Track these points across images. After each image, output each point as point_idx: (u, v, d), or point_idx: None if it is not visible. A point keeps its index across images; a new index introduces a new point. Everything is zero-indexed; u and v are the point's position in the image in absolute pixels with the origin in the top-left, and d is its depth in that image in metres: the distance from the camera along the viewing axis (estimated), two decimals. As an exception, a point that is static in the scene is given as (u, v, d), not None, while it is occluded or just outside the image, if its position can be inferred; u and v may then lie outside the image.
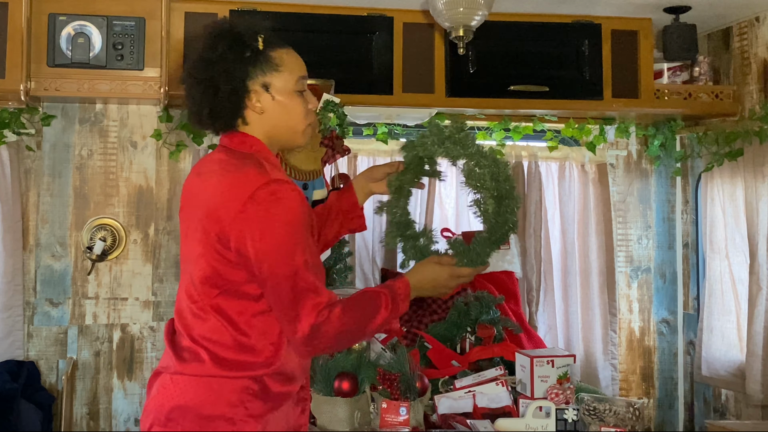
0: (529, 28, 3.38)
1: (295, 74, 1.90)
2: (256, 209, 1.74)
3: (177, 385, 1.80)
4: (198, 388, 1.78)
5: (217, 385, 1.78)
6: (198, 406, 1.77)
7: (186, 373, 1.81)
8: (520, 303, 3.51)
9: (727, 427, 3.04)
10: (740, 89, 3.50)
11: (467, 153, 2.12)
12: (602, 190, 3.80)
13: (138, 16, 3.12)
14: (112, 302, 3.41)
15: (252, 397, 1.78)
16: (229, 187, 1.80)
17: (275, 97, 1.87)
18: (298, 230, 1.77)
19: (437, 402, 2.55)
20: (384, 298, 1.85)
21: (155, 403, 1.82)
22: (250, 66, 1.85)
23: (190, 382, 1.80)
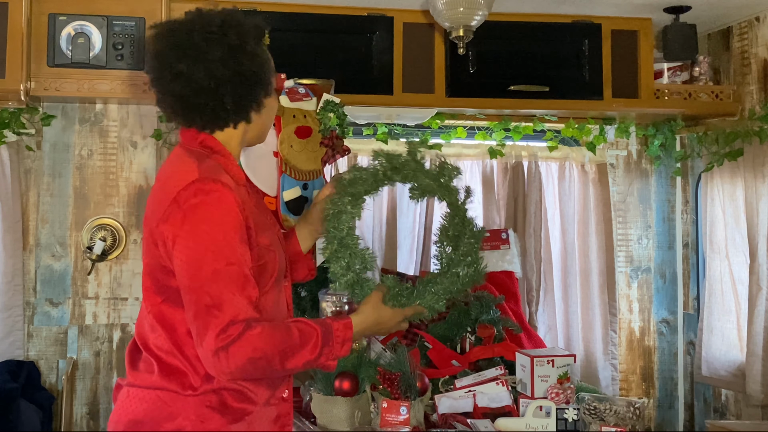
0: (529, 28, 3.38)
1: (274, 71, 1.90)
2: (175, 212, 1.65)
3: (132, 398, 1.74)
4: (153, 402, 1.71)
5: (170, 399, 1.69)
6: (153, 421, 1.69)
7: (138, 384, 1.74)
8: (520, 303, 3.51)
9: (727, 427, 3.04)
10: (740, 89, 3.50)
11: (424, 184, 2.10)
12: (602, 190, 3.80)
13: (138, 16, 3.12)
14: (112, 302, 3.41)
15: (209, 410, 1.69)
16: (161, 189, 1.73)
17: (269, 96, 1.88)
18: (213, 235, 1.63)
19: (437, 401, 2.55)
20: (315, 337, 1.70)
21: (114, 417, 1.76)
22: (269, 61, 1.85)
23: (144, 395, 1.72)
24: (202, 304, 1.60)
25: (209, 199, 1.64)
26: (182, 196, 1.65)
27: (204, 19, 1.78)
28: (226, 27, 1.76)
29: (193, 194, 1.64)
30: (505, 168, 3.73)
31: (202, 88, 1.73)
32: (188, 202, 1.64)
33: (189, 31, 1.75)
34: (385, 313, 1.89)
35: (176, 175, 1.70)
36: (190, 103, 1.76)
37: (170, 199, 1.66)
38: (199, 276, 1.61)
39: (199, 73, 1.72)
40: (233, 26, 1.77)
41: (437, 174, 2.10)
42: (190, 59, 1.72)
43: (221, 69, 1.72)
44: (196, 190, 1.65)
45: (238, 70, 1.74)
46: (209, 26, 1.75)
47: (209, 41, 1.73)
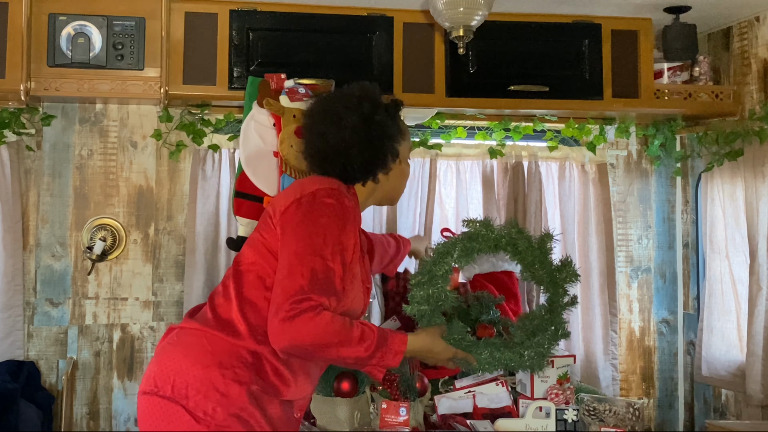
0: (529, 28, 3.37)
1: (409, 141, 2.20)
2: (309, 201, 1.92)
3: (181, 338, 1.94)
4: (197, 342, 1.90)
5: (214, 341, 1.89)
6: (193, 361, 1.87)
7: (191, 327, 1.94)
8: (520, 303, 3.51)
9: (727, 427, 3.04)
10: (740, 89, 3.50)
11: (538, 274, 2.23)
12: (602, 190, 3.80)
13: (138, 16, 3.12)
14: (112, 302, 3.41)
15: (242, 365, 1.86)
16: (297, 188, 2.01)
17: (402, 161, 2.17)
18: (334, 230, 1.89)
19: (437, 402, 2.55)
20: (372, 339, 1.89)
21: (164, 356, 1.93)
22: (399, 132, 2.14)
23: (191, 334, 1.93)
24: (298, 269, 1.83)
25: (340, 204, 1.93)
26: (320, 193, 1.94)
27: (346, 92, 2.14)
28: (363, 99, 2.09)
29: (328, 195, 1.93)
30: (505, 168, 3.73)
31: (337, 148, 2.06)
32: (323, 198, 1.92)
33: (334, 100, 2.12)
34: (439, 345, 2.07)
35: (317, 183, 1.99)
36: (326, 158, 2.09)
37: (308, 192, 1.94)
38: (310, 249, 1.85)
39: (335, 136, 2.05)
40: (368, 99, 2.10)
41: (555, 269, 2.21)
42: (330, 123, 2.07)
43: (352, 134, 2.05)
44: (332, 193, 1.94)
45: (366, 137, 2.06)
46: (349, 97, 2.10)
47: (347, 110, 2.07)
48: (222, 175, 3.45)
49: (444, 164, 3.74)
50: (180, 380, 1.85)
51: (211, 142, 3.42)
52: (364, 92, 2.11)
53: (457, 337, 2.12)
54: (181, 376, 1.85)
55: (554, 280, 2.20)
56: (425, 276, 2.14)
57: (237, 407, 1.83)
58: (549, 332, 2.18)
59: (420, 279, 2.15)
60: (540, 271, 2.19)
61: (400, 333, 1.98)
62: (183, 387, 1.84)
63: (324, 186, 1.97)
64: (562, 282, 2.21)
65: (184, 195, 3.46)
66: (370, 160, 2.07)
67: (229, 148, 3.45)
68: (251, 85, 2.96)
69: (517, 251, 2.19)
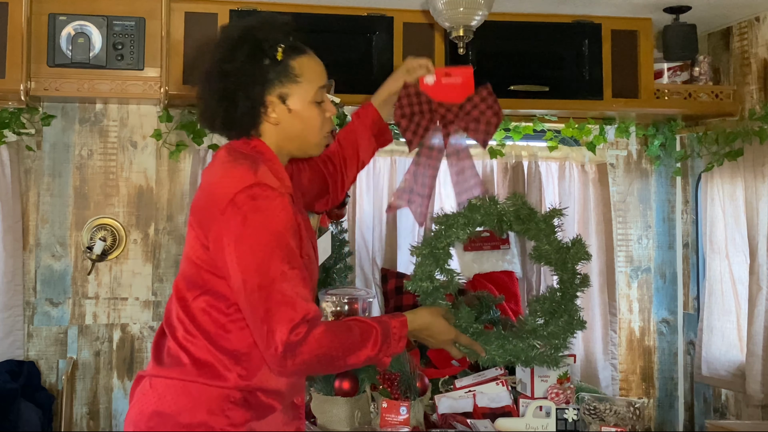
0: (529, 28, 3.38)
1: (315, 84, 1.85)
2: (234, 214, 1.66)
3: (155, 390, 1.75)
4: (177, 394, 1.72)
5: (196, 391, 1.71)
6: (176, 413, 1.70)
7: (164, 376, 1.75)
8: (520, 303, 3.51)
9: (727, 427, 3.04)
10: (740, 89, 3.50)
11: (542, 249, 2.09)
12: (602, 190, 3.80)
13: (138, 16, 3.12)
14: (112, 302, 3.41)
15: (233, 406, 1.71)
16: (215, 188, 1.74)
17: (291, 109, 1.82)
18: (278, 238, 1.66)
19: (437, 401, 2.55)
20: (375, 334, 1.75)
21: (135, 410, 1.76)
22: (268, 78, 1.78)
23: (168, 386, 1.73)
24: (275, 300, 1.64)
25: (269, 203, 1.68)
26: (240, 199, 1.67)
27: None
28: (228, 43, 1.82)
29: (252, 197, 1.67)
30: (505, 168, 3.73)
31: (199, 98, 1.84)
32: (247, 204, 1.67)
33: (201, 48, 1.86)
34: (440, 324, 1.92)
35: (231, 178, 1.72)
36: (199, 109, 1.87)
37: (227, 201, 1.68)
38: (269, 275, 1.64)
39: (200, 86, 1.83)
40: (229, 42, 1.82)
41: (564, 247, 2.07)
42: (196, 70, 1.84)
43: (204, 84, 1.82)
44: (254, 193, 1.68)
45: (214, 85, 1.80)
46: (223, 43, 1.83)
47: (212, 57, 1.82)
48: (222, 175, 3.44)
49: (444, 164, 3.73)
50: (168, 427, 1.71)
51: (211, 141, 3.42)
52: (228, 36, 1.82)
53: (463, 325, 2.01)
54: (168, 425, 1.71)
55: (564, 259, 2.06)
56: (426, 248, 2.04)
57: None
58: (563, 321, 2.03)
59: (421, 251, 2.04)
60: (547, 246, 2.06)
61: (398, 316, 1.85)
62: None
63: (238, 185, 1.69)
64: (572, 261, 2.06)
65: (184, 195, 3.46)
66: (230, 117, 1.79)
67: (229, 148, 3.45)
68: (251, 84, 2.95)
69: (521, 223, 2.06)
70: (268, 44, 1.78)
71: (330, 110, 1.90)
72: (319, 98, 1.85)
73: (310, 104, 1.84)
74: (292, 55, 1.81)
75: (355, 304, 2.58)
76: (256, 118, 1.80)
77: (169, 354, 1.77)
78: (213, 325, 1.74)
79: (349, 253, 3.32)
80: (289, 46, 1.82)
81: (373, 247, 3.64)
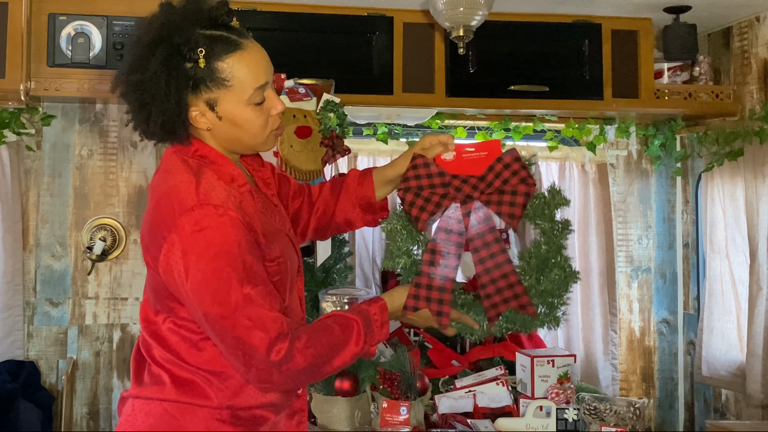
0: (529, 28, 3.38)
1: (249, 88, 1.61)
2: (179, 243, 1.53)
3: (138, 412, 1.64)
4: (160, 415, 1.62)
5: (179, 413, 1.61)
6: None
7: (144, 396, 1.64)
8: (520, 303, 3.50)
9: (727, 427, 3.04)
10: (740, 89, 3.50)
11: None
12: (602, 190, 3.80)
13: (138, 16, 3.08)
14: (112, 302, 3.41)
15: (220, 424, 1.61)
16: (156, 211, 1.60)
17: (222, 116, 1.62)
18: (230, 260, 1.52)
19: (437, 402, 2.55)
20: (356, 328, 1.64)
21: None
22: (189, 85, 1.57)
23: (152, 407, 1.63)
24: (243, 327, 1.52)
25: (214, 225, 1.53)
26: (184, 227, 1.53)
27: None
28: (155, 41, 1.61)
29: (195, 223, 1.53)
30: (505, 168, 3.73)
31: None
32: (193, 233, 1.53)
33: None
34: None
35: (170, 199, 1.58)
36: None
37: (170, 227, 1.54)
38: (230, 302, 1.52)
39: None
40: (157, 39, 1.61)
41: (539, 196, 1.91)
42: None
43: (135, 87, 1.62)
44: (197, 218, 1.53)
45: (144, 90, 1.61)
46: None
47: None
48: (222, 175, 3.44)
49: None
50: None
51: (211, 142, 3.42)
52: (143, 34, 1.60)
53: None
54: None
55: (542, 209, 1.90)
56: (398, 223, 1.87)
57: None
58: (555, 276, 1.86)
59: (393, 226, 1.87)
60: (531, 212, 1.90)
61: (376, 300, 1.72)
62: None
63: (178, 208, 1.54)
64: (551, 209, 1.89)
65: (184, 195, 3.46)
66: (150, 128, 1.63)
67: (229, 148, 3.45)
68: (251, 84, 2.95)
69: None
70: (187, 47, 1.56)
71: (275, 107, 1.68)
72: (256, 100, 1.63)
73: (244, 107, 1.62)
74: (219, 56, 1.58)
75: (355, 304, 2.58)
76: (180, 128, 1.61)
77: (149, 373, 1.67)
78: (185, 345, 1.63)
79: (350, 253, 3.32)
80: (215, 45, 1.58)
81: (373, 247, 3.64)
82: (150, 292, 1.69)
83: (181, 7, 1.61)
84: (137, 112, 1.62)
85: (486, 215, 1.83)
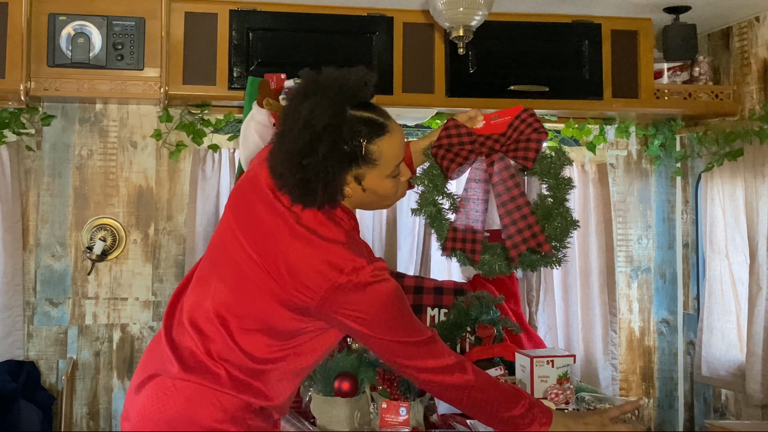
0: (529, 28, 3.38)
1: (392, 165, 1.79)
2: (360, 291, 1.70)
3: (181, 393, 1.73)
4: (204, 399, 1.72)
5: (225, 400, 1.72)
6: (202, 418, 1.71)
7: (192, 381, 1.73)
8: (520, 303, 3.51)
9: (727, 427, 3.04)
10: (740, 89, 3.50)
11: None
12: (602, 190, 3.80)
13: (138, 16, 3.12)
14: (112, 302, 3.41)
15: (253, 416, 1.75)
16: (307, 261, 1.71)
17: (366, 189, 1.80)
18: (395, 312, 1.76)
19: (437, 402, 2.55)
20: (523, 402, 1.82)
21: (154, 408, 1.74)
22: (347, 166, 1.73)
23: (196, 391, 1.72)
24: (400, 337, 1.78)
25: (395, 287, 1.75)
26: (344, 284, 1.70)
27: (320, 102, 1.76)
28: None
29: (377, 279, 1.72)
30: (505, 168, 3.73)
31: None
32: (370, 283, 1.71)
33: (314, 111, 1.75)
34: (593, 422, 1.91)
35: (326, 254, 1.72)
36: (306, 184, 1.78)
37: (328, 285, 1.70)
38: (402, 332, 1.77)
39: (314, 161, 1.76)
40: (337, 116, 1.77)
41: (545, 156, 2.21)
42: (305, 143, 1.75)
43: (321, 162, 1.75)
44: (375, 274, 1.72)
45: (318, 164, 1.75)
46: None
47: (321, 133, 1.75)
48: (222, 175, 3.45)
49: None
50: (193, 428, 1.72)
51: (211, 142, 3.42)
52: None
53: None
54: (193, 427, 1.72)
55: (548, 167, 2.23)
56: (426, 178, 2.22)
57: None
58: (558, 223, 2.18)
59: (422, 181, 2.23)
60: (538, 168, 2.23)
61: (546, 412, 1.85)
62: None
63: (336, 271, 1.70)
64: (555, 168, 2.21)
65: (184, 195, 3.46)
66: (307, 197, 1.74)
67: (229, 148, 3.45)
68: (251, 85, 2.96)
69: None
70: (350, 135, 1.71)
71: (405, 174, 1.88)
72: (396, 173, 1.82)
73: (385, 180, 1.81)
74: (372, 139, 1.74)
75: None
76: (330, 198, 1.75)
77: (196, 360, 1.75)
78: (260, 355, 1.76)
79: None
80: (369, 129, 1.75)
81: (373, 247, 3.64)
82: (254, 305, 1.76)
83: (328, 85, 1.73)
84: (300, 186, 1.72)
85: (506, 164, 2.18)
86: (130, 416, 1.78)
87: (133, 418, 1.77)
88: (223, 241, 1.85)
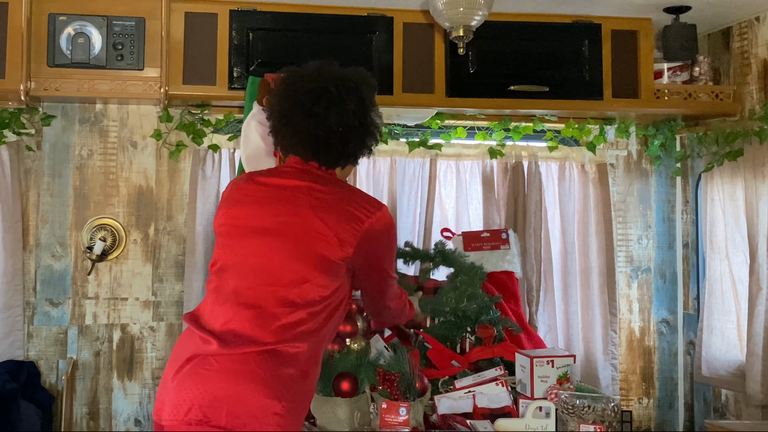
0: (529, 28, 3.38)
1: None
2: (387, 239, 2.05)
3: (223, 363, 1.85)
4: (253, 369, 1.85)
5: (269, 372, 1.88)
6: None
7: (236, 353, 1.88)
8: (520, 303, 3.50)
9: (727, 427, 3.04)
10: (740, 89, 3.50)
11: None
12: (602, 190, 3.80)
13: (138, 16, 3.12)
14: (112, 302, 3.41)
15: (297, 389, 1.92)
16: (344, 205, 1.98)
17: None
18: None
19: (437, 402, 2.55)
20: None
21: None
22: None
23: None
24: (393, 280, 2.19)
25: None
26: (389, 222, 2.04)
27: (339, 71, 2.06)
28: (360, 82, 2.05)
29: (385, 223, 2.03)
30: (505, 168, 3.73)
31: (333, 132, 2.00)
32: (393, 228, 2.08)
33: (326, 79, 2.03)
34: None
35: (375, 207, 2.02)
36: (319, 141, 2.01)
37: (383, 228, 2.03)
38: (393, 269, 2.16)
39: (333, 118, 1.99)
40: (365, 82, 2.07)
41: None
42: (325, 104, 1.99)
43: (352, 118, 2.01)
44: (385, 220, 2.04)
45: (363, 121, 2.03)
46: (346, 79, 2.04)
47: (345, 92, 2.01)
48: (222, 175, 3.45)
49: (444, 164, 3.74)
50: (235, 409, 1.80)
51: (211, 142, 3.42)
52: (360, 73, 2.10)
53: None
54: (236, 405, 1.80)
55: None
56: None
57: (296, 426, 1.88)
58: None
59: None
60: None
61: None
62: (238, 415, 1.80)
63: (381, 209, 2.03)
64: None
65: (184, 195, 3.46)
66: (364, 145, 2.08)
67: (229, 148, 3.45)
68: (251, 84, 2.96)
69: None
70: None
71: None
72: None
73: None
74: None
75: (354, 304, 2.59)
76: (365, 155, 2.14)
77: (257, 341, 1.89)
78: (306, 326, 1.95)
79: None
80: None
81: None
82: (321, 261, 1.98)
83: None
84: (360, 135, 2.07)
85: None
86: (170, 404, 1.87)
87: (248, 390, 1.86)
88: (242, 232, 2.01)
